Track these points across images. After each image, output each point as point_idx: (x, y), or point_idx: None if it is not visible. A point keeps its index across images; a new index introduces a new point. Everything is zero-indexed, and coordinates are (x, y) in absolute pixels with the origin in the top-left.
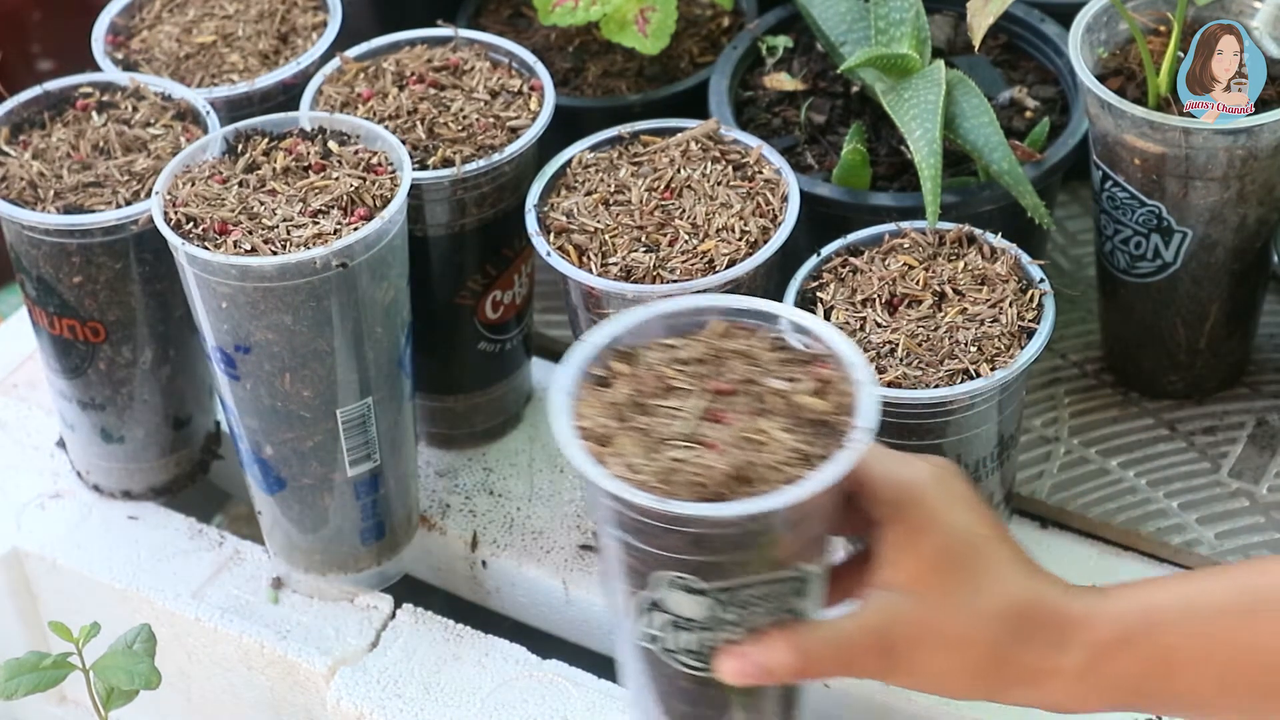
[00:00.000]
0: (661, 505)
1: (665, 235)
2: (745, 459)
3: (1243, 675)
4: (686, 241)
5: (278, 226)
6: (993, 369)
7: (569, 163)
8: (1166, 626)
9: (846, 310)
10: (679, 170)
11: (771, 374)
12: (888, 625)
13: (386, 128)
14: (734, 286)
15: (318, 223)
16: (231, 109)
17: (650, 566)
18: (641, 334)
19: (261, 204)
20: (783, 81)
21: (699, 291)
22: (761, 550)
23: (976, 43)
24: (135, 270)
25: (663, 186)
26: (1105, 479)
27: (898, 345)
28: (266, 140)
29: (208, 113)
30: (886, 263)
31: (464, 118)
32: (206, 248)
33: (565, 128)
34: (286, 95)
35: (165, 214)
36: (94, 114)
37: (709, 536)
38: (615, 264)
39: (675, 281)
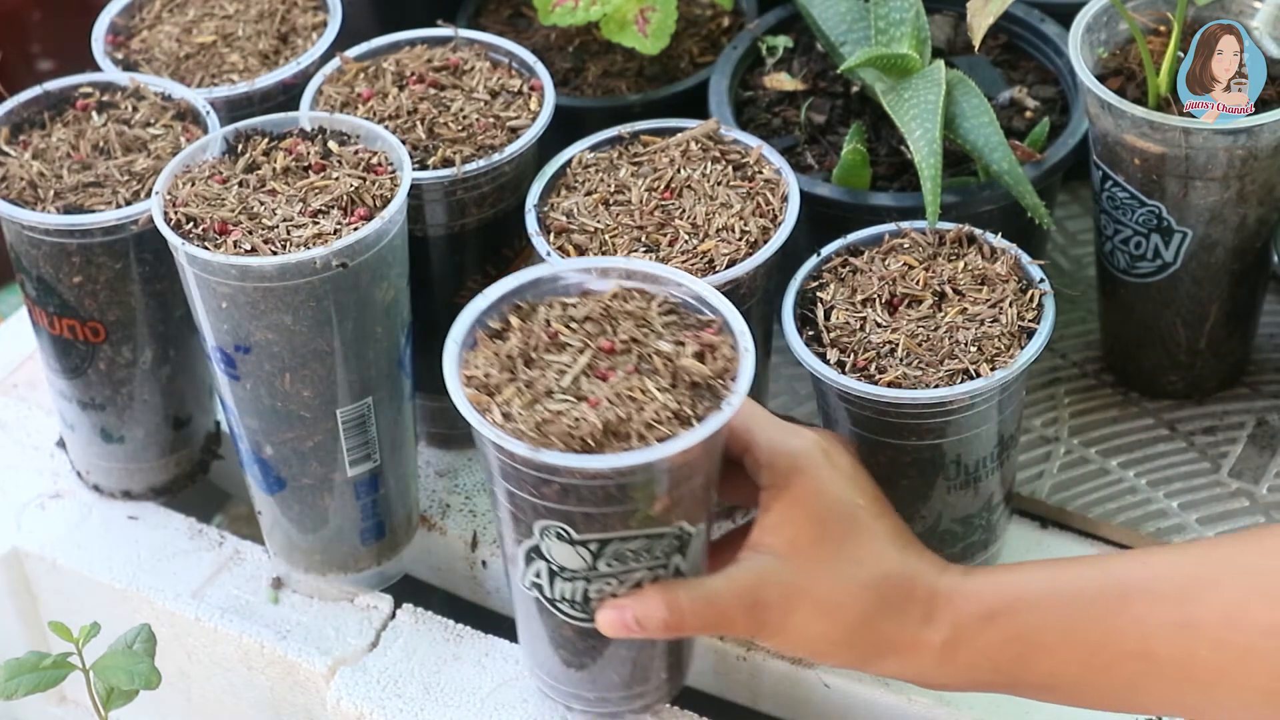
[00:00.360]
0: (531, 454)
1: (665, 235)
2: (620, 415)
3: (1111, 659)
4: (687, 241)
5: (278, 226)
6: (993, 369)
7: (569, 163)
8: (1032, 605)
9: (847, 310)
10: (679, 170)
11: (660, 336)
12: (759, 585)
13: (386, 128)
14: (734, 286)
15: (318, 223)
16: (231, 109)
17: (530, 516)
18: (540, 291)
19: (261, 204)
20: (783, 81)
21: None
22: (635, 505)
23: (976, 43)
24: (135, 270)
25: (663, 186)
26: (1105, 479)
27: (898, 345)
28: (266, 140)
29: (208, 113)
30: (886, 262)
31: (464, 118)
32: (206, 248)
33: (565, 128)
34: (286, 95)
35: (165, 214)
36: (94, 114)
37: (580, 487)
38: None
39: None
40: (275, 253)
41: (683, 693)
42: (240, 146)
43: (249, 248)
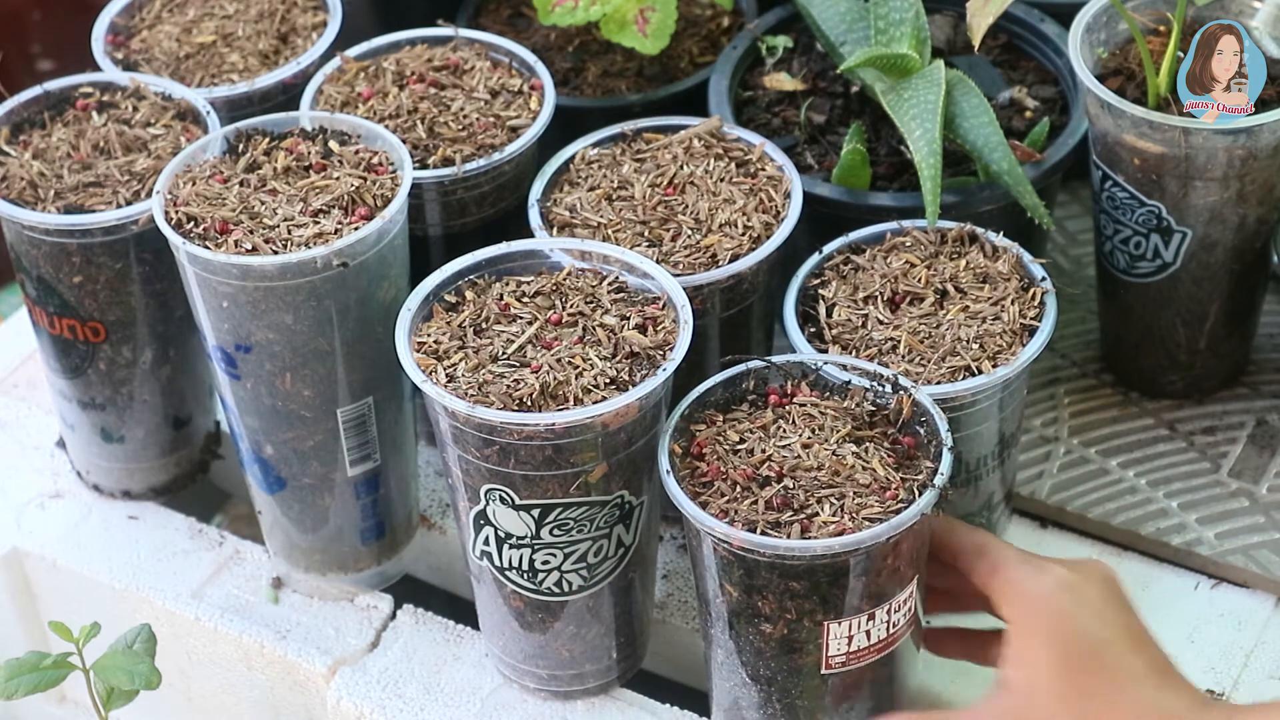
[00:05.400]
0: (469, 410)
1: (668, 230)
2: (559, 379)
3: None
4: (689, 236)
5: (278, 226)
6: (994, 366)
7: (572, 159)
8: None
9: (848, 307)
10: (682, 166)
11: (606, 311)
12: None
13: (387, 127)
14: (736, 281)
15: (318, 222)
16: (231, 109)
17: (476, 480)
18: (494, 268)
19: (262, 203)
20: (783, 81)
21: (702, 286)
22: (574, 469)
23: (976, 43)
24: (135, 270)
25: (665, 182)
26: (1105, 479)
27: (900, 342)
28: (267, 140)
29: (208, 113)
30: (888, 260)
31: (464, 117)
32: (207, 247)
33: (565, 127)
34: (286, 95)
35: (166, 213)
36: (94, 114)
37: (519, 448)
38: None
39: (678, 276)
40: (276, 252)
41: (636, 675)
42: (241, 146)
43: (250, 247)
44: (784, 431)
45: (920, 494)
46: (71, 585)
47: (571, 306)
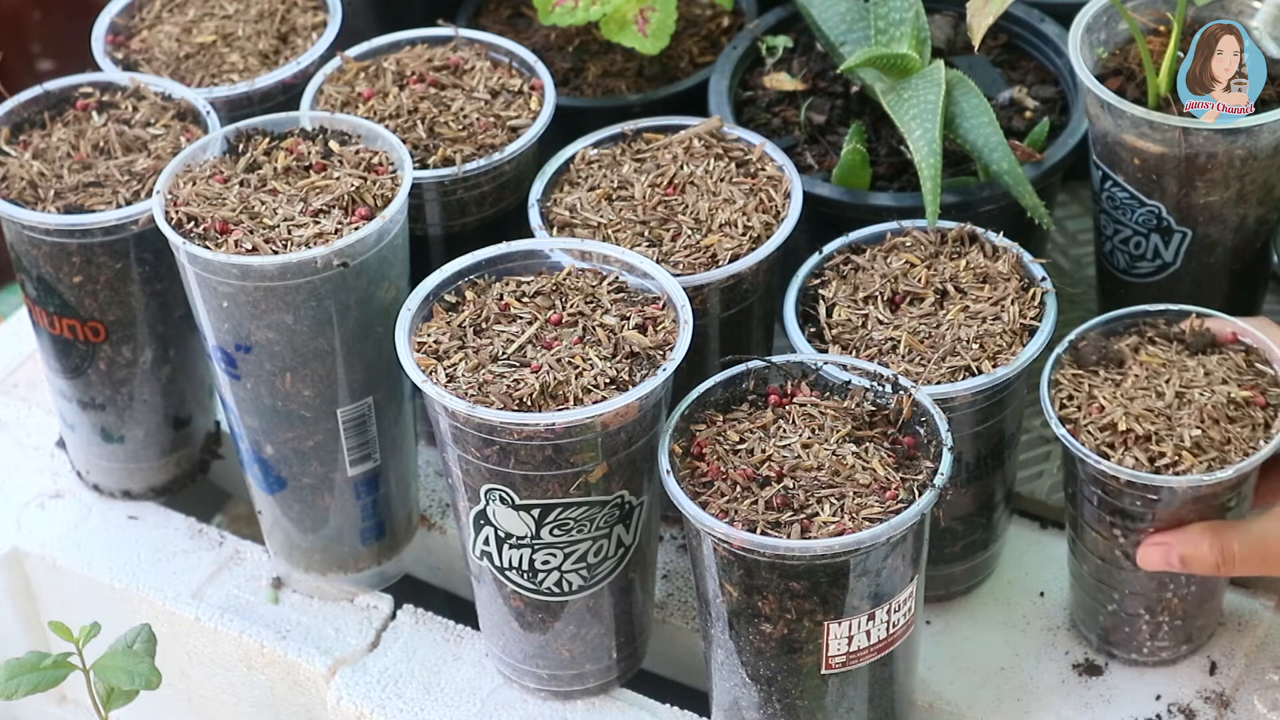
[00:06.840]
0: (469, 410)
1: (668, 230)
2: (559, 379)
3: None
4: (689, 236)
5: (279, 226)
6: (994, 366)
7: (572, 159)
8: None
9: (848, 307)
10: (682, 166)
11: (606, 311)
12: None
13: (387, 127)
14: (736, 281)
15: (319, 222)
16: (231, 109)
17: (476, 480)
18: (494, 268)
19: (262, 203)
20: (783, 81)
21: (702, 286)
22: (574, 469)
23: (976, 43)
24: (135, 270)
25: (665, 182)
26: None
27: (900, 342)
28: (267, 140)
29: (208, 113)
30: (888, 260)
31: (464, 117)
32: (208, 247)
33: (565, 127)
34: (286, 95)
35: (166, 213)
36: (94, 114)
37: (519, 448)
38: None
39: (678, 276)
40: (276, 252)
41: (636, 675)
42: (241, 146)
43: (250, 247)
44: (784, 431)
45: (920, 494)
46: (71, 585)
47: (571, 306)
